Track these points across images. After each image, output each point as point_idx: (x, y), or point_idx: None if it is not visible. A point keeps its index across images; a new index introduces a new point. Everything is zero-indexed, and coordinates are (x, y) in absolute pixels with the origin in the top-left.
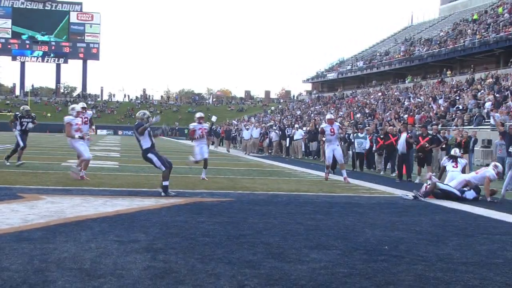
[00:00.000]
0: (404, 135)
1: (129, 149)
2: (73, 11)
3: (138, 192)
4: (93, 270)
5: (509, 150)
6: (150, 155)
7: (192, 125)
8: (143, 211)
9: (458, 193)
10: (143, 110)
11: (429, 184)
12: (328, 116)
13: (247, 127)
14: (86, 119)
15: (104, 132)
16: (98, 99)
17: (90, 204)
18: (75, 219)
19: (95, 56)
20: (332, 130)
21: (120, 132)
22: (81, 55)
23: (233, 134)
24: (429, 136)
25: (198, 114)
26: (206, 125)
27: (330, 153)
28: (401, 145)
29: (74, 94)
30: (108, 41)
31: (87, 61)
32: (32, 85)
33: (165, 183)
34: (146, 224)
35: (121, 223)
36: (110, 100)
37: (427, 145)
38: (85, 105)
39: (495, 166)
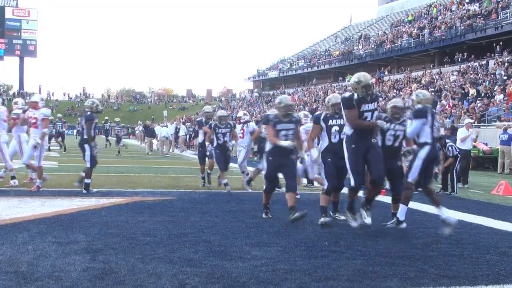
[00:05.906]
0: None
1: (69, 148)
2: (8, 6)
3: (77, 192)
4: (30, 273)
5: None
6: (87, 146)
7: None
8: (82, 211)
9: None
10: (92, 99)
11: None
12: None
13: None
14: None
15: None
16: None
17: (27, 205)
18: (11, 221)
19: (33, 54)
20: None
21: None
22: (17, 52)
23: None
24: None
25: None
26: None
27: None
28: None
29: (11, 92)
30: (46, 39)
31: (24, 59)
32: None
33: (87, 180)
34: (85, 224)
35: (59, 224)
36: (48, 98)
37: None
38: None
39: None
